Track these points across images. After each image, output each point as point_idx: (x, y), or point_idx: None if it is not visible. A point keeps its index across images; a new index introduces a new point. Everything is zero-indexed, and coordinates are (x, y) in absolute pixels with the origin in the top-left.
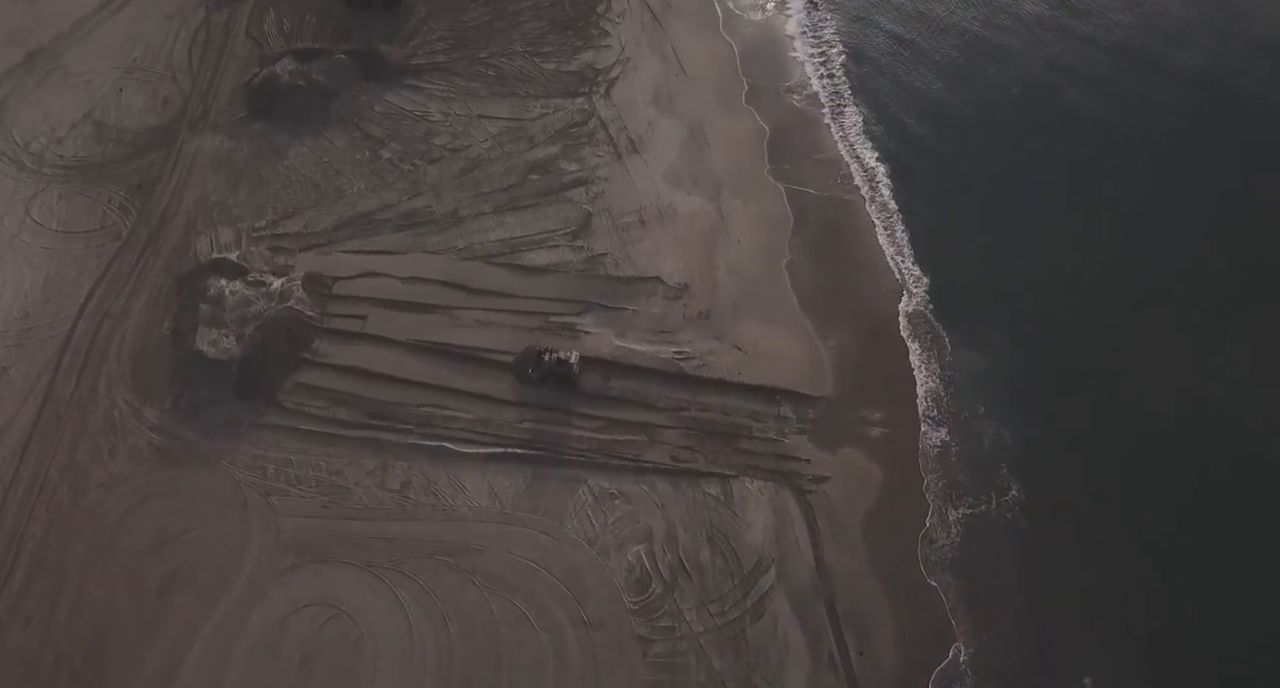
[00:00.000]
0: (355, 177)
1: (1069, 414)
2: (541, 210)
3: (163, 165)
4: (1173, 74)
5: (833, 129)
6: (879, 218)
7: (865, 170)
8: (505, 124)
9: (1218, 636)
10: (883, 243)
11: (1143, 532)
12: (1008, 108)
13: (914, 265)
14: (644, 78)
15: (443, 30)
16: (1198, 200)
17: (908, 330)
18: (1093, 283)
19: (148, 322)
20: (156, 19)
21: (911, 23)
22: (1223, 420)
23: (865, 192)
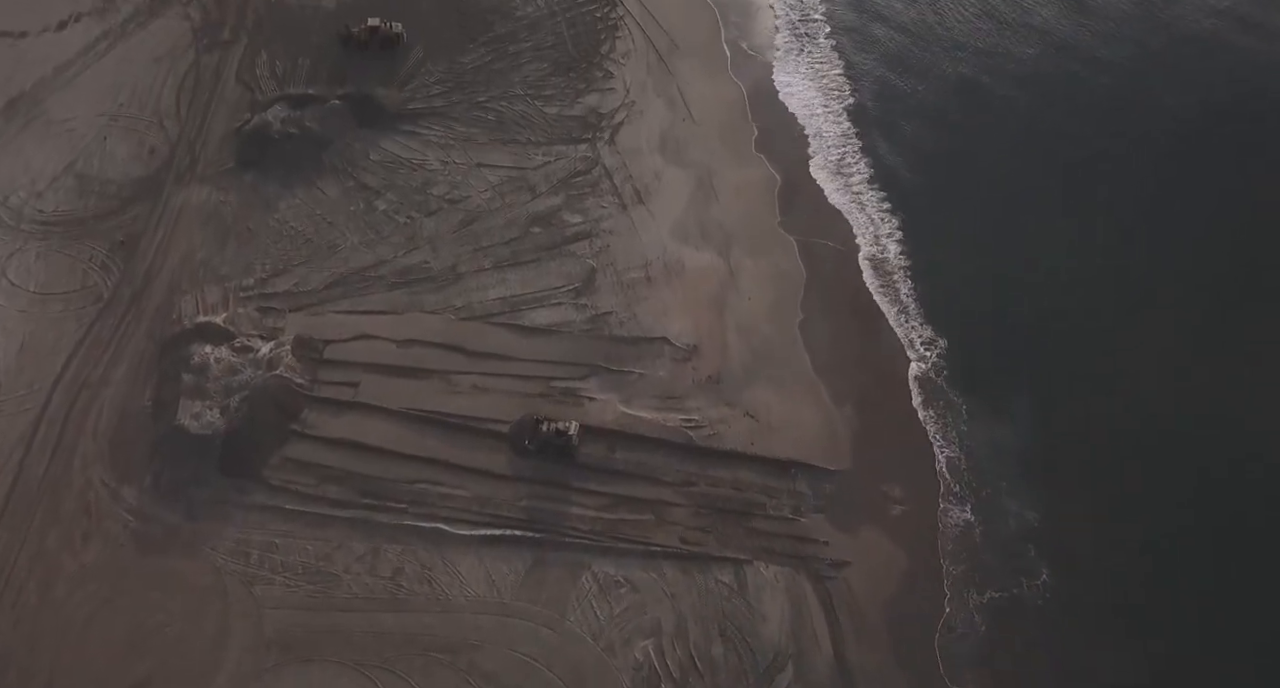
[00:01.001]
0: (349, 230)
1: (1098, 489)
2: (543, 266)
3: (148, 219)
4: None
5: (845, 178)
6: (892, 274)
7: (877, 223)
8: (506, 173)
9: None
10: (896, 302)
11: (1190, 626)
12: (1020, 153)
13: (926, 326)
14: (650, 123)
15: (441, 72)
16: (1229, 268)
17: (922, 397)
18: (1114, 346)
19: (128, 393)
20: (144, 62)
21: (925, 64)
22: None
23: (878, 246)
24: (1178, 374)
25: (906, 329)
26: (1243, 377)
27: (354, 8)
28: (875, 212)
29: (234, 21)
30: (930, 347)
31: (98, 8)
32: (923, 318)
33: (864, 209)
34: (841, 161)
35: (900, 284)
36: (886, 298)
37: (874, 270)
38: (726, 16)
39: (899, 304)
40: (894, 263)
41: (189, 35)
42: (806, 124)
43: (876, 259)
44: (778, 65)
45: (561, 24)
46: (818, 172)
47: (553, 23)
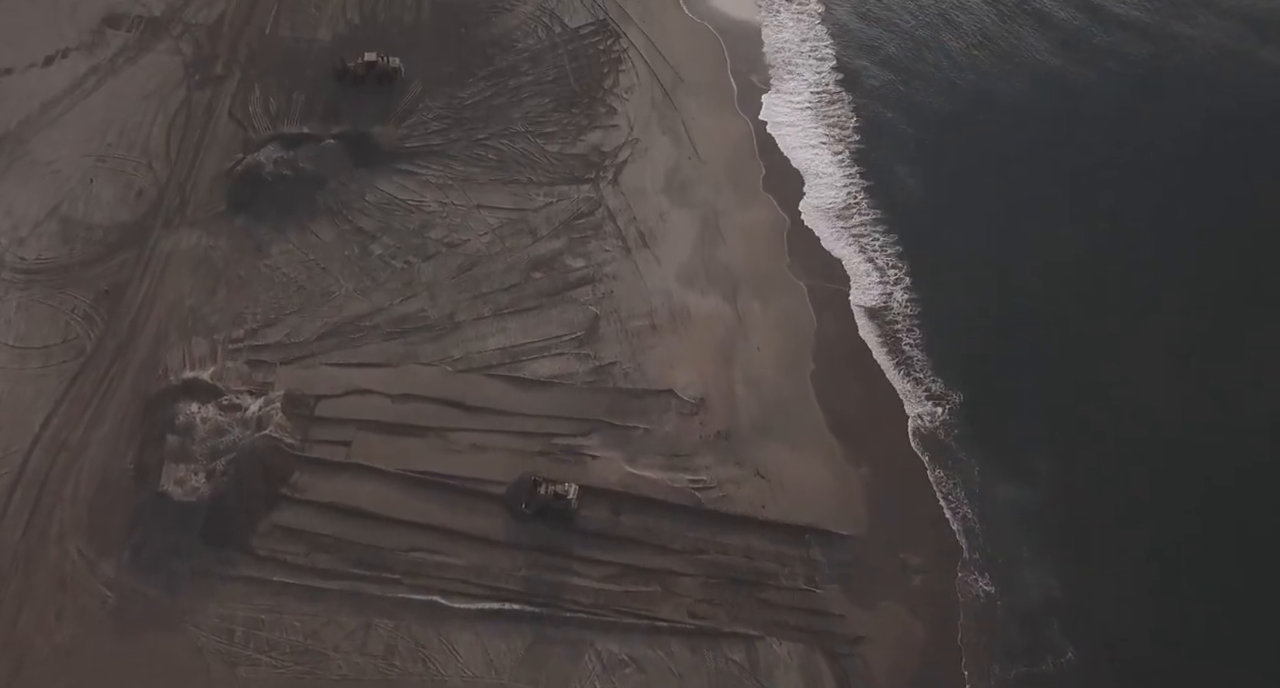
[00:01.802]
0: (343, 276)
1: (1123, 555)
2: (545, 313)
3: (134, 267)
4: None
5: (851, 219)
6: (901, 322)
7: (884, 267)
8: (506, 215)
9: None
10: (907, 353)
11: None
12: (1033, 194)
13: (938, 377)
14: (654, 161)
15: (439, 108)
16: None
17: (935, 455)
18: (1132, 399)
19: (109, 455)
20: (133, 100)
21: (932, 97)
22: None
23: (886, 292)
24: (1205, 430)
25: (918, 382)
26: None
27: (350, 40)
28: (882, 255)
29: (227, 55)
30: (942, 401)
31: (86, 42)
32: (934, 369)
33: (870, 252)
34: (849, 202)
35: (910, 333)
36: (896, 348)
37: (884, 318)
38: (733, 48)
39: (910, 355)
40: (903, 310)
41: (180, 70)
42: (814, 163)
43: (885, 306)
44: (788, 98)
45: (564, 57)
46: (829, 212)
47: (554, 55)
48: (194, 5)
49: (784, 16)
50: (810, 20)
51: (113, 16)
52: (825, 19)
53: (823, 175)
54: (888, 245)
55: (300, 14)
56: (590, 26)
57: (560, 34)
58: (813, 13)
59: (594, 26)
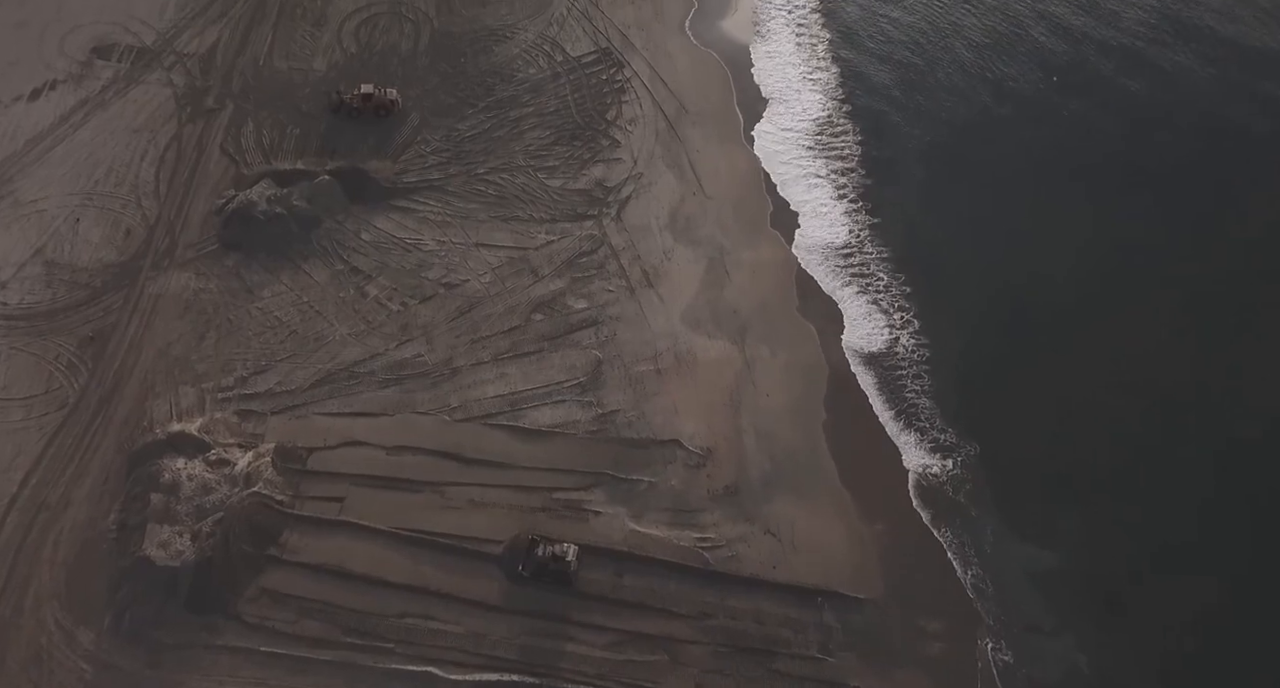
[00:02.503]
0: (338, 319)
1: (1153, 623)
2: (546, 358)
3: (121, 311)
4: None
5: (858, 258)
6: (913, 368)
7: (895, 310)
8: (507, 254)
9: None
10: (919, 401)
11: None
12: (1044, 228)
13: (951, 428)
14: (659, 197)
15: (438, 141)
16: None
17: (953, 513)
18: (1154, 447)
19: (91, 516)
20: (122, 134)
21: (942, 129)
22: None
23: (899, 336)
24: (1244, 481)
25: (925, 432)
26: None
27: (346, 70)
28: (887, 296)
29: (219, 87)
30: (953, 452)
31: (74, 74)
32: (945, 418)
33: (875, 292)
34: (850, 240)
35: (918, 379)
36: (902, 397)
37: (888, 364)
38: (740, 77)
39: (917, 404)
40: (914, 355)
41: (171, 103)
42: (814, 199)
43: (898, 352)
44: (797, 128)
45: (565, 87)
46: (839, 252)
47: (556, 85)
48: (186, 34)
49: (790, 44)
50: (818, 48)
51: (102, 47)
52: (833, 48)
53: (822, 212)
54: (893, 285)
55: (295, 43)
56: (592, 55)
57: (562, 63)
58: (821, 40)
59: (596, 55)
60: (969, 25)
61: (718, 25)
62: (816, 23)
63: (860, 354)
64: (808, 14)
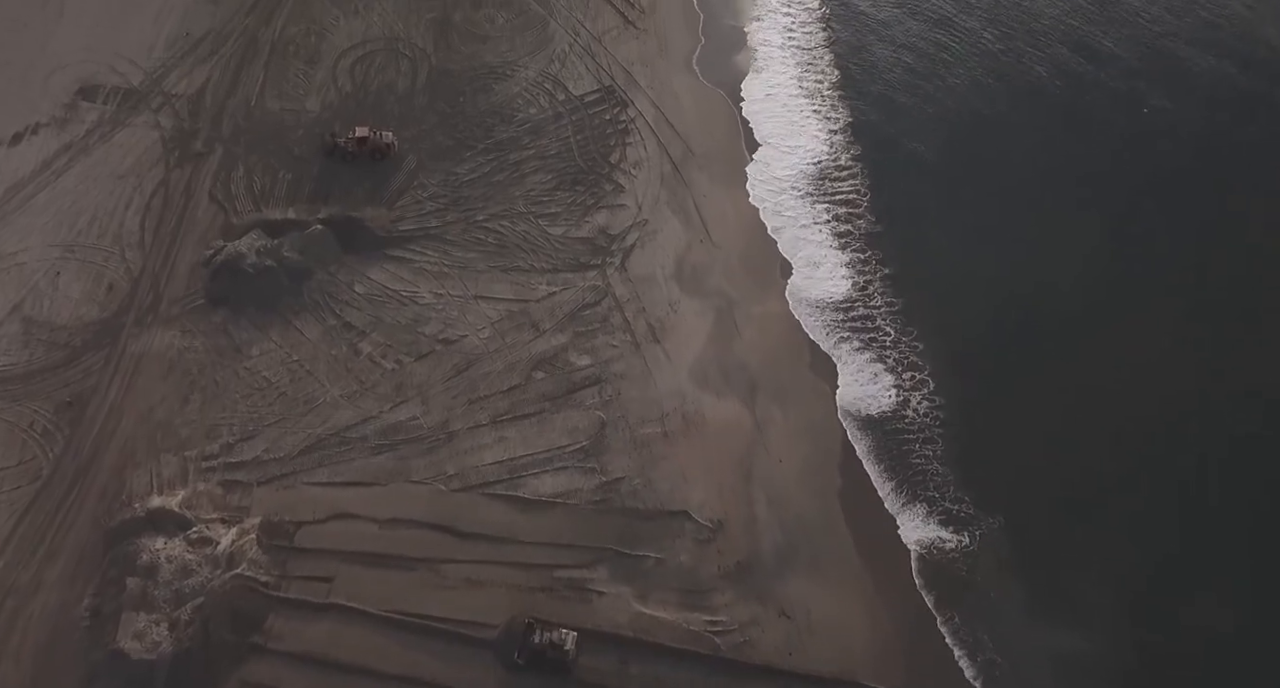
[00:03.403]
0: (329, 379)
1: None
2: (547, 420)
3: (101, 373)
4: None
5: (873, 314)
6: (927, 431)
7: (909, 368)
8: (506, 307)
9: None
10: (932, 467)
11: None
12: (1062, 296)
13: (966, 496)
14: (664, 245)
15: (435, 186)
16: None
17: (976, 593)
18: (1190, 532)
19: (62, 601)
20: (106, 181)
21: (952, 181)
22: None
23: (914, 395)
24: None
25: (938, 503)
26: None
27: (340, 110)
28: (906, 354)
29: (209, 130)
30: (973, 525)
31: (58, 117)
32: (959, 486)
33: (894, 349)
34: (854, 292)
35: (930, 444)
36: (918, 463)
37: (910, 427)
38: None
39: (933, 471)
40: (929, 417)
41: (159, 147)
42: (819, 246)
43: (913, 413)
44: (802, 167)
45: (568, 128)
46: (849, 303)
47: (558, 126)
48: (175, 74)
49: (795, 81)
50: (824, 86)
51: (88, 88)
52: (841, 86)
53: (824, 262)
54: (910, 342)
55: (288, 82)
56: (595, 93)
57: (564, 102)
58: (829, 78)
59: (599, 93)
60: (980, 52)
61: (725, 61)
62: (826, 59)
63: (881, 410)
64: (816, 48)
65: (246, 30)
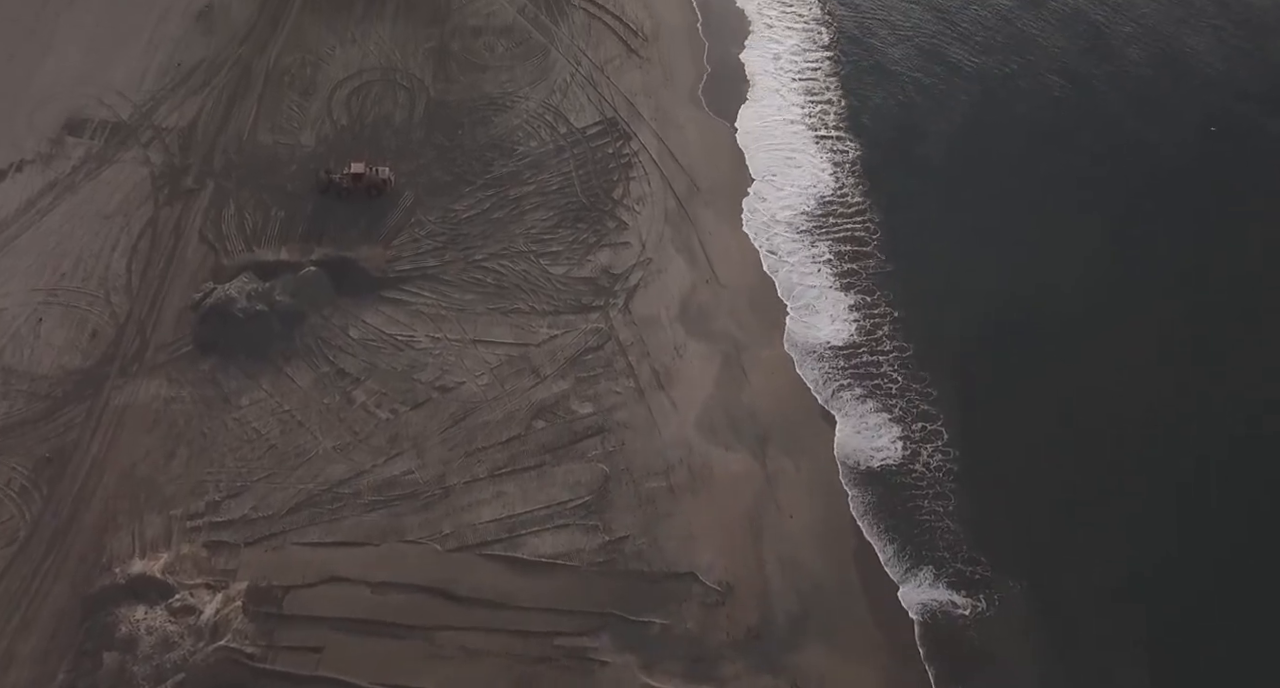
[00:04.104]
0: (321, 430)
1: None
2: (548, 473)
3: (83, 426)
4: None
5: (880, 360)
6: (944, 483)
7: (928, 419)
8: (506, 352)
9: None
10: (947, 525)
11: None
12: (1089, 348)
13: (984, 557)
14: (669, 285)
15: (433, 223)
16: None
17: (1001, 664)
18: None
19: (35, 677)
20: (92, 220)
21: (965, 215)
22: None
23: (918, 452)
24: None
25: (957, 567)
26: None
27: (336, 144)
28: (915, 402)
29: (199, 165)
30: (992, 589)
31: (43, 153)
32: (977, 546)
33: (900, 397)
34: (872, 333)
35: (944, 499)
36: (936, 522)
37: (919, 481)
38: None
39: (950, 531)
40: (940, 471)
41: (147, 184)
42: (826, 287)
43: (922, 467)
44: (794, 212)
45: (569, 162)
46: (860, 349)
47: (559, 160)
48: (165, 107)
49: (802, 111)
50: (836, 115)
51: (74, 122)
52: (849, 118)
53: (824, 304)
54: (924, 388)
55: (282, 115)
56: (598, 126)
57: (566, 135)
58: (839, 109)
59: (602, 126)
60: (988, 84)
61: (731, 91)
62: (834, 90)
63: (896, 462)
64: (822, 78)
65: (240, 60)
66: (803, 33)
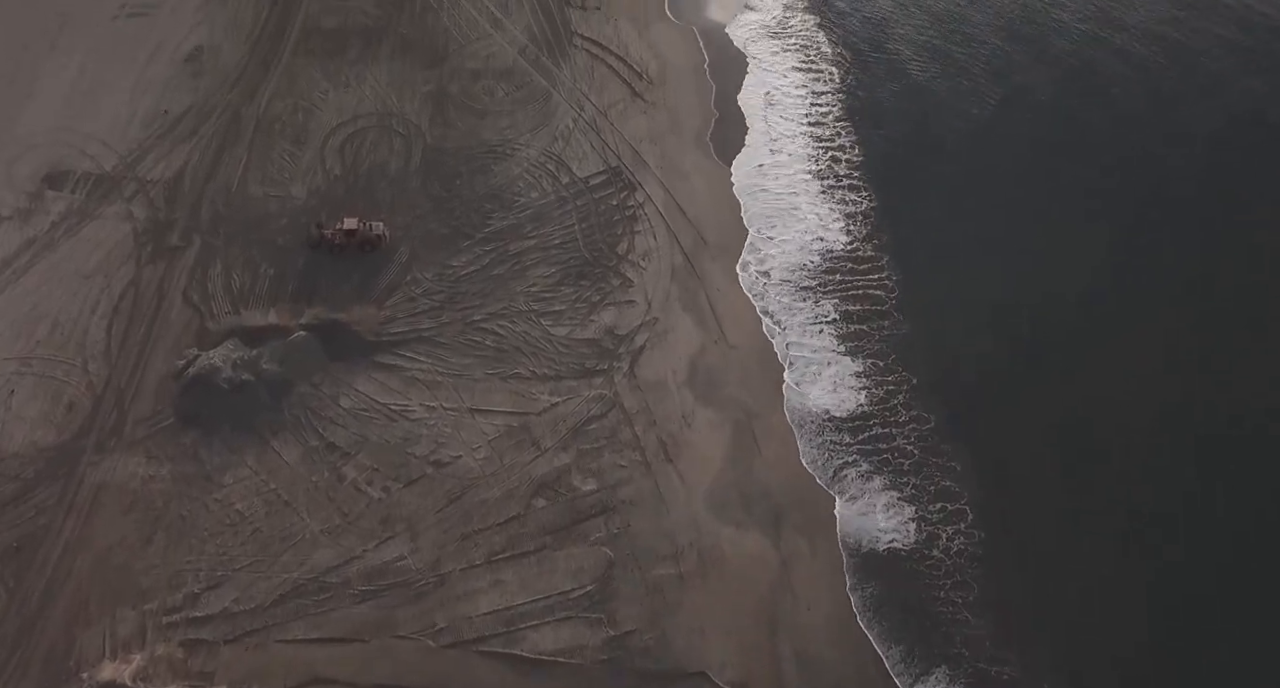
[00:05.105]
0: (309, 511)
1: None
2: (549, 559)
3: (55, 509)
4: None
5: (900, 434)
6: (976, 573)
7: (948, 497)
8: (505, 421)
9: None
10: (982, 622)
11: None
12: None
13: (1012, 659)
14: (676, 347)
15: (429, 281)
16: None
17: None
18: None
19: None
20: (71, 281)
21: (982, 268)
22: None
23: (937, 535)
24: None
25: (988, 664)
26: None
27: (328, 195)
28: (938, 477)
29: (186, 220)
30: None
31: (23, 208)
32: (1003, 644)
33: (923, 471)
34: (886, 405)
35: (979, 586)
36: (962, 608)
37: (948, 567)
38: None
39: (970, 624)
40: (966, 553)
41: (130, 241)
42: (830, 351)
43: (939, 552)
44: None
45: (572, 215)
46: (871, 415)
47: (561, 213)
48: (151, 157)
49: (814, 159)
50: (848, 164)
51: (55, 174)
52: (867, 164)
53: (827, 370)
54: (930, 462)
55: (273, 164)
56: (601, 175)
57: (568, 185)
58: (852, 157)
59: (606, 175)
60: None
61: (740, 138)
62: (846, 137)
63: (915, 542)
64: (833, 123)
65: (229, 106)
66: (812, 74)
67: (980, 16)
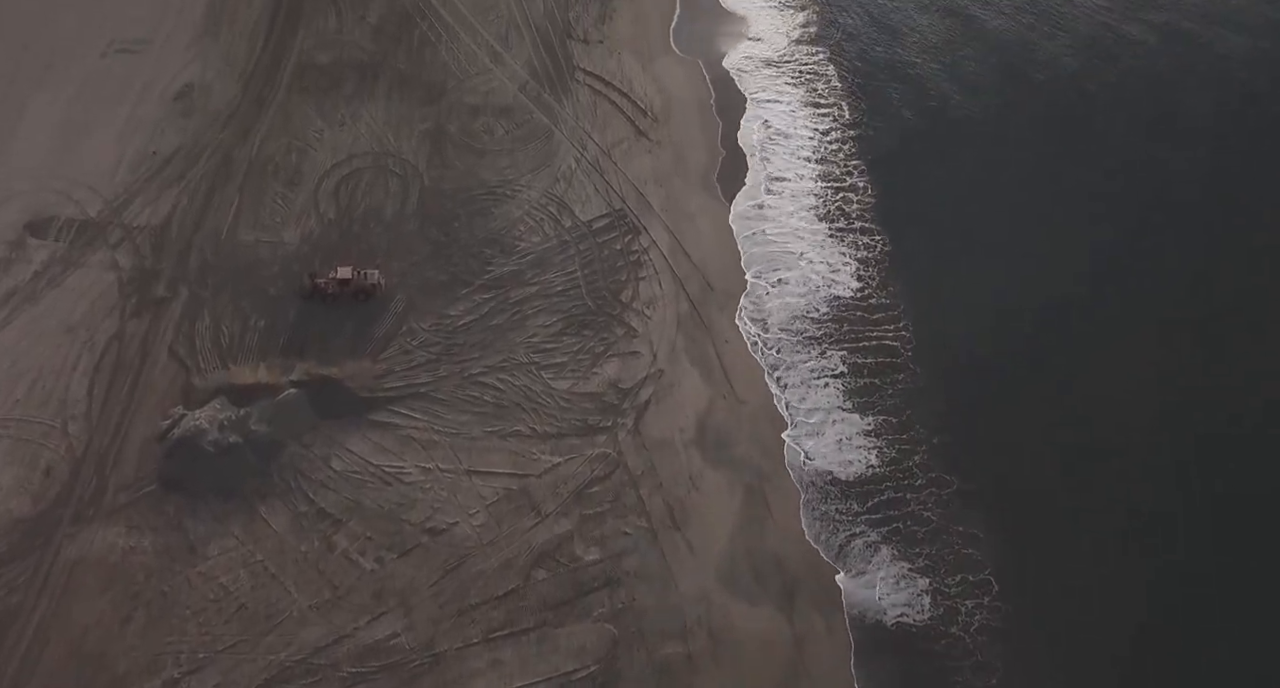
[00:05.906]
0: (297, 585)
1: None
2: (549, 637)
3: (28, 588)
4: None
5: (915, 498)
6: (999, 652)
7: (968, 568)
8: (504, 484)
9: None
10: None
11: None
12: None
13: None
14: (683, 401)
15: (426, 332)
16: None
17: None
18: None
19: None
20: (53, 335)
21: (998, 312)
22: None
23: (957, 609)
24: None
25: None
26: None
27: (322, 241)
28: (959, 545)
29: (172, 269)
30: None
31: (3, 258)
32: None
33: (941, 538)
34: (903, 463)
35: (1003, 668)
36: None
37: (967, 646)
38: None
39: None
40: (989, 628)
41: (115, 291)
42: (837, 409)
43: (970, 626)
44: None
45: (574, 260)
46: (883, 474)
47: (564, 258)
48: (138, 202)
49: (823, 201)
50: (859, 205)
51: (38, 221)
52: (881, 205)
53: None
54: (951, 529)
55: (264, 209)
56: (605, 219)
57: (570, 229)
58: (865, 199)
59: (609, 218)
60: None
61: (750, 181)
62: (858, 179)
63: (932, 613)
64: (843, 162)
65: (220, 147)
66: (821, 110)
67: (975, 48)
